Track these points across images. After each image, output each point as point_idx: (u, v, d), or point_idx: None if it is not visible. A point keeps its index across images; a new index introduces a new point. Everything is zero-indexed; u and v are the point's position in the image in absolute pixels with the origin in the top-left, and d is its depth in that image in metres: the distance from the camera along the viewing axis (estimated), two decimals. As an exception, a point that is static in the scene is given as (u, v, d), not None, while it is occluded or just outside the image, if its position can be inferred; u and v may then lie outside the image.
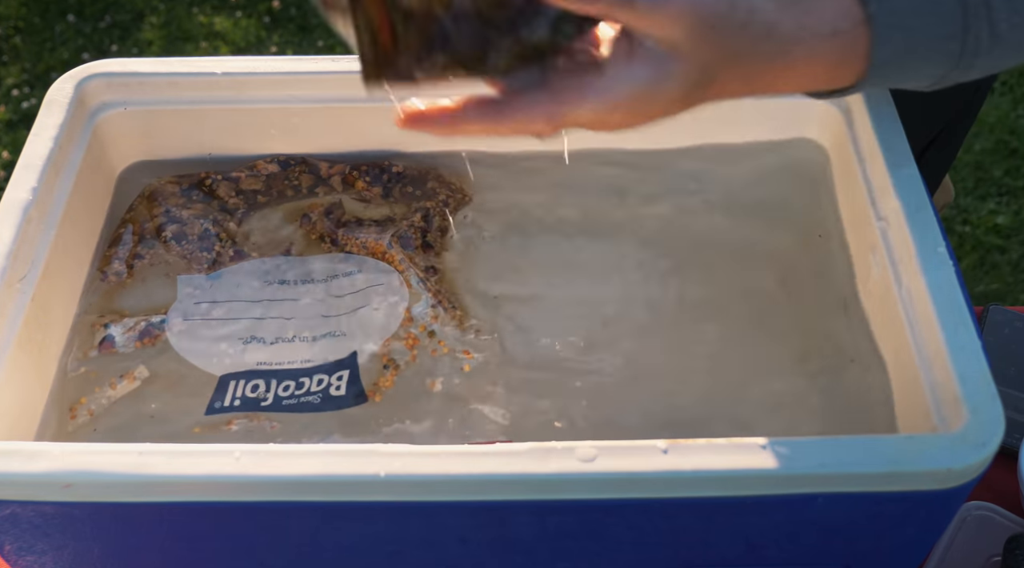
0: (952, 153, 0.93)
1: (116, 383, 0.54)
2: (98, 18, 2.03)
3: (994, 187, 1.71)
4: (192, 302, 0.58)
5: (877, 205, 0.56)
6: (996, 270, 1.61)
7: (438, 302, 0.58)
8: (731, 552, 0.49)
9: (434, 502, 0.45)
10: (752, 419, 0.54)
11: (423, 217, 0.62)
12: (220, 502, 0.45)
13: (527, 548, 0.48)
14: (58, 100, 0.60)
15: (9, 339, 0.51)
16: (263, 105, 0.63)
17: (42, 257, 0.55)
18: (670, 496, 0.45)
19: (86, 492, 0.45)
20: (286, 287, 0.59)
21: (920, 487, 0.44)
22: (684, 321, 0.58)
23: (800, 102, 0.63)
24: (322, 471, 0.44)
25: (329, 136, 0.65)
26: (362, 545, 0.48)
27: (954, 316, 0.49)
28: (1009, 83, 1.86)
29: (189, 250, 0.60)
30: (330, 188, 0.64)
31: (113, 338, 0.56)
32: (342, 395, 0.54)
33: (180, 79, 0.62)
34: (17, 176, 0.55)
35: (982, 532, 0.62)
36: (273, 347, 0.56)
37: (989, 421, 0.45)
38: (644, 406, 0.55)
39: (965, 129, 0.90)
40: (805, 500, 0.45)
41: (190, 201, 0.63)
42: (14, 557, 0.49)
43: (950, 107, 0.86)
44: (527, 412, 0.54)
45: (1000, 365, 0.69)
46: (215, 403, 0.54)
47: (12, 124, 1.86)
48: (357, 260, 0.60)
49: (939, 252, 0.51)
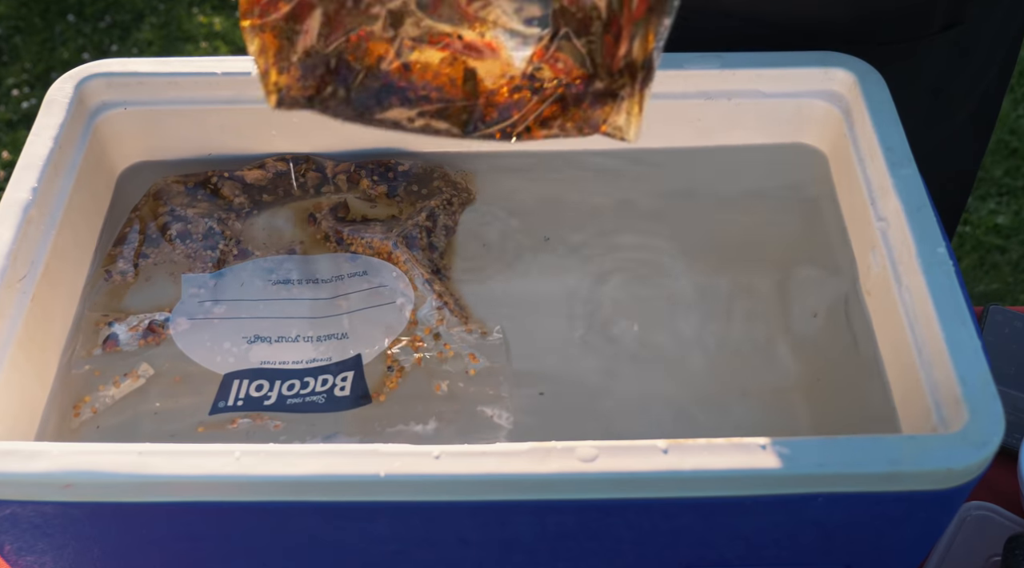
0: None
1: (120, 381, 0.54)
2: (98, 18, 2.03)
3: (994, 187, 1.71)
4: (196, 301, 0.58)
5: (877, 205, 0.56)
6: (996, 270, 1.61)
7: (443, 303, 0.58)
8: (731, 552, 0.49)
9: (434, 502, 0.45)
10: (752, 419, 0.54)
11: (428, 216, 0.62)
12: (220, 502, 0.45)
13: (527, 548, 0.48)
14: (58, 100, 0.60)
15: (9, 339, 0.51)
16: (263, 105, 0.63)
17: (42, 257, 0.55)
18: (670, 496, 0.45)
19: (86, 492, 0.45)
20: (291, 287, 0.59)
21: (920, 487, 0.45)
22: (685, 321, 0.58)
23: (801, 102, 0.63)
24: (322, 471, 0.44)
25: (330, 136, 0.65)
26: (362, 545, 0.48)
27: (954, 316, 0.49)
28: (1009, 83, 1.86)
29: (194, 249, 0.60)
30: (335, 187, 0.64)
31: (117, 336, 0.56)
32: (346, 396, 0.54)
33: (180, 79, 0.62)
34: (17, 176, 0.55)
35: (982, 532, 0.62)
36: (277, 347, 0.56)
37: (989, 421, 0.45)
38: (646, 406, 0.55)
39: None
40: (805, 500, 0.45)
41: (195, 200, 0.63)
42: (14, 557, 0.49)
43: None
44: (532, 414, 0.54)
45: (1000, 365, 0.69)
46: (219, 402, 0.54)
47: (12, 124, 1.86)
48: (363, 261, 0.60)
49: (939, 252, 0.51)
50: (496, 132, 0.47)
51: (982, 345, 0.47)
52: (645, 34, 0.43)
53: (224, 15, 2.05)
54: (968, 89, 0.80)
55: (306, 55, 0.46)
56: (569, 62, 0.46)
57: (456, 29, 0.45)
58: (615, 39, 0.44)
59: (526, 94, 0.46)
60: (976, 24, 0.75)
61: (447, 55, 0.46)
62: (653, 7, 0.43)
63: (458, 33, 0.45)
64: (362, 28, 0.45)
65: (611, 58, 0.45)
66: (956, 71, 0.77)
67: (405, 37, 0.46)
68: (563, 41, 0.45)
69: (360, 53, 0.46)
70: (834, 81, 0.62)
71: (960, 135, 0.84)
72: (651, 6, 0.43)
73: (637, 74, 0.44)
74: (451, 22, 0.45)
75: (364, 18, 0.45)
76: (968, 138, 0.86)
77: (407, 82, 0.46)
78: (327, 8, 0.45)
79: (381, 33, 0.45)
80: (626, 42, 0.44)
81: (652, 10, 0.43)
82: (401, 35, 0.46)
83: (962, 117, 0.82)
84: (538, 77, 0.46)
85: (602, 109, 0.46)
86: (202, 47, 1.98)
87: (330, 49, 0.46)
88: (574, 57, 0.46)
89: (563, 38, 0.45)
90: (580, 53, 0.45)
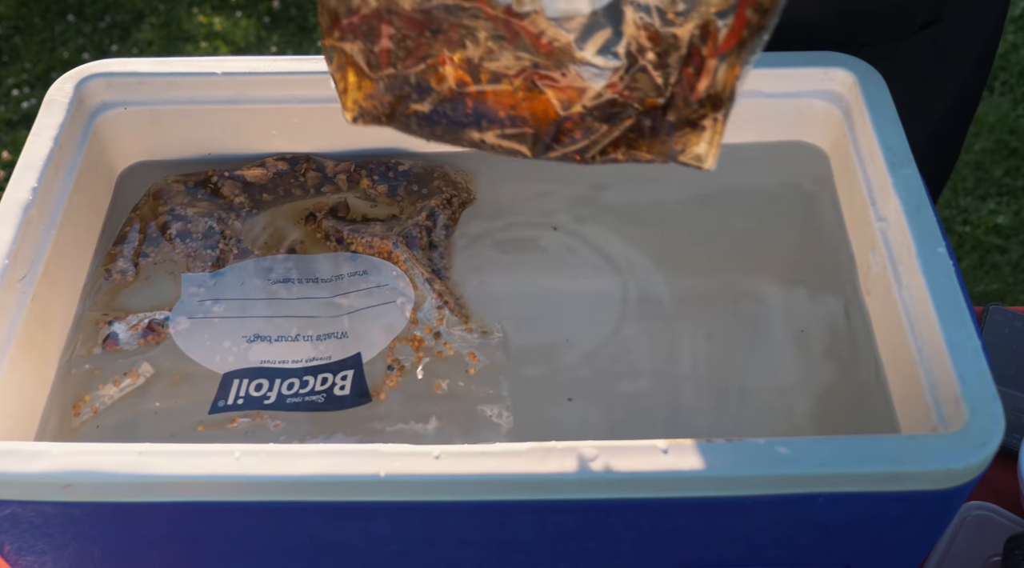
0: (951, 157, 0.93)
1: (119, 380, 0.54)
2: (98, 18, 2.03)
3: (994, 187, 1.71)
4: (196, 300, 0.58)
5: (877, 205, 0.56)
6: (996, 270, 1.61)
7: (444, 303, 0.58)
8: (731, 552, 0.49)
9: (434, 502, 0.45)
10: (752, 419, 0.54)
11: (428, 216, 0.62)
12: (220, 502, 0.45)
13: (527, 548, 0.48)
14: (58, 100, 0.60)
15: (9, 339, 0.51)
16: (263, 105, 0.63)
17: (42, 257, 0.55)
18: (670, 496, 0.45)
19: (86, 492, 0.45)
20: (291, 286, 0.59)
21: (920, 487, 0.45)
22: (685, 321, 0.58)
23: (801, 102, 0.63)
24: (322, 471, 0.44)
25: (330, 136, 0.65)
26: (362, 545, 0.48)
27: (954, 316, 0.49)
28: (1009, 83, 1.86)
29: (194, 248, 0.60)
30: (335, 187, 0.64)
31: (117, 335, 0.56)
32: (346, 395, 0.54)
33: (180, 79, 0.62)
34: (17, 176, 0.55)
35: (982, 532, 0.62)
36: (277, 346, 0.56)
37: (989, 421, 0.45)
38: (646, 406, 0.55)
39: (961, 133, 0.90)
40: (805, 500, 0.45)
41: (195, 199, 0.63)
42: (14, 557, 0.49)
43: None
44: (532, 414, 0.54)
45: (1000, 365, 0.69)
46: (219, 401, 0.54)
47: (12, 124, 1.86)
48: (363, 260, 0.60)
49: (939, 252, 0.51)
50: (573, 154, 0.47)
51: (982, 345, 0.47)
52: (731, 66, 0.43)
53: (224, 15, 2.05)
54: (947, 85, 0.81)
55: (385, 75, 0.47)
56: (643, 92, 0.46)
57: (532, 58, 0.46)
58: (696, 71, 0.44)
59: (598, 122, 0.46)
60: (955, 21, 0.75)
61: (522, 82, 0.46)
62: (744, 42, 0.42)
63: (534, 62, 0.46)
64: (440, 54, 0.46)
65: (689, 89, 0.45)
66: (935, 68, 0.78)
67: (482, 64, 0.46)
68: (639, 73, 0.45)
69: (437, 77, 0.47)
70: (834, 81, 0.62)
71: (940, 130, 0.85)
72: (742, 41, 0.42)
73: (721, 105, 0.44)
74: (527, 53, 0.45)
75: (443, 45, 0.46)
76: (949, 133, 0.87)
77: (483, 106, 0.47)
78: (406, 35, 0.46)
79: (459, 60, 0.46)
80: (709, 75, 0.44)
81: (743, 45, 0.42)
82: (478, 63, 0.46)
83: (940, 112, 0.83)
84: (611, 105, 0.46)
85: (681, 138, 0.46)
86: (202, 47, 1.98)
87: (407, 72, 0.47)
88: (649, 87, 0.45)
89: (639, 70, 0.45)
90: (656, 84, 0.45)
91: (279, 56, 0.63)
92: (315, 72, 0.62)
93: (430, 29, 0.46)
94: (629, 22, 0.44)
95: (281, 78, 0.62)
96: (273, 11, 2.06)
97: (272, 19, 2.04)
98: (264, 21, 2.04)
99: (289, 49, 1.98)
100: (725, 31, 0.43)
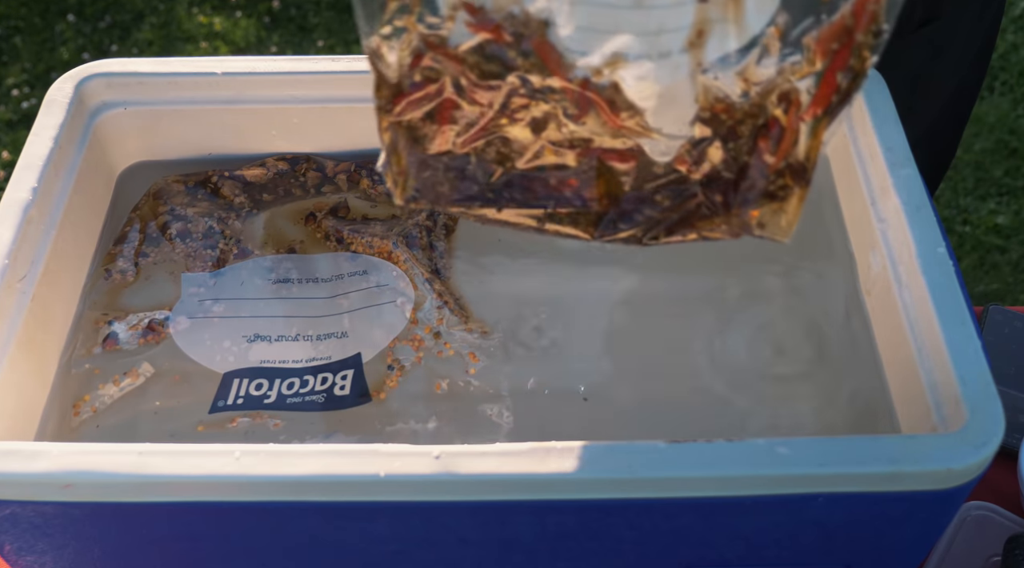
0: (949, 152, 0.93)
1: (119, 380, 0.54)
2: (98, 18, 2.04)
3: (994, 187, 1.71)
4: (196, 300, 0.58)
5: (877, 205, 0.56)
6: (996, 270, 1.61)
7: (444, 303, 0.58)
8: (731, 552, 0.49)
9: (434, 502, 0.45)
10: (752, 419, 0.54)
11: (428, 216, 0.62)
12: (220, 502, 0.45)
13: (527, 548, 0.48)
14: (58, 100, 0.60)
15: (9, 339, 0.51)
16: (263, 105, 0.63)
17: (42, 257, 0.55)
18: (670, 496, 0.45)
19: (86, 492, 0.45)
20: (291, 286, 0.59)
21: (920, 487, 0.45)
22: (685, 321, 0.58)
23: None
24: (322, 471, 0.44)
25: (330, 136, 0.65)
26: (362, 545, 0.48)
27: (954, 316, 0.49)
28: (1009, 83, 1.86)
29: (194, 248, 0.60)
30: (336, 187, 0.64)
31: (117, 335, 0.56)
32: (346, 395, 0.54)
33: (180, 79, 0.62)
34: (17, 176, 0.55)
35: (982, 532, 0.62)
36: (277, 345, 0.56)
37: (989, 421, 0.45)
38: (646, 406, 0.55)
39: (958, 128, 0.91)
40: (805, 500, 0.45)
41: (195, 199, 0.63)
42: (14, 557, 0.49)
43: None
44: (532, 414, 0.54)
45: (1000, 365, 0.69)
46: (219, 401, 0.54)
47: (12, 124, 1.86)
48: (363, 260, 0.60)
49: (939, 252, 0.51)
50: (636, 234, 0.44)
51: (982, 345, 0.47)
52: (814, 133, 0.41)
53: (224, 15, 2.05)
54: (944, 82, 0.81)
55: (440, 155, 0.43)
56: (712, 166, 0.43)
57: (600, 136, 0.42)
58: (775, 142, 0.41)
59: (665, 199, 0.44)
60: (951, 19, 0.75)
61: (586, 158, 0.43)
62: (832, 109, 0.40)
63: (601, 138, 0.42)
64: (503, 131, 0.43)
65: (760, 161, 0.42)
66: (932, 66, 0.78)
67: (546, 141, 0.43)
68: (708, 147, 0.42)
69: (498, 154, 0.43)
70: (834, 81, 0.62)
71: (936, 128, 0.85)
72: (829, 108, 0.40)
73: (803, 175, 0.41)
74: (596, 128, 0.42)
75: (507, 123, 0.42)
76: (946, 130, 0.87)
77: (542, 183, 0.44)
78: (470, 112, 0.42)
79: (522, 138, 0.43)
80: (790, 144, 0.41)
81: (829, 113, 0.40)
82: (542, 139, 0.43)
83: (937, 110, 0.84)
84: (679, 181, 0.43)
85: (757, 210, 0.43)
86: (202, 47, 1.98)
87: (466, 150, 0.43)
88: (718, 162, 0.43)
89: (708, 144, 0.42)
90: (726, 156, 0.42)
91: (279, 56, 0.63)
92: (315, 72, 0.62)
93: (499, 104, 0.42)
94: (702, 93, 0.41)
95: (281, 78, 0.62)
96: (273, 11, 2.06)
97: (272, 19, 2.04)
98: (264, 21, 2.04)
99: (289, 49, 1.98)
100: (808, 97, 0.40)
